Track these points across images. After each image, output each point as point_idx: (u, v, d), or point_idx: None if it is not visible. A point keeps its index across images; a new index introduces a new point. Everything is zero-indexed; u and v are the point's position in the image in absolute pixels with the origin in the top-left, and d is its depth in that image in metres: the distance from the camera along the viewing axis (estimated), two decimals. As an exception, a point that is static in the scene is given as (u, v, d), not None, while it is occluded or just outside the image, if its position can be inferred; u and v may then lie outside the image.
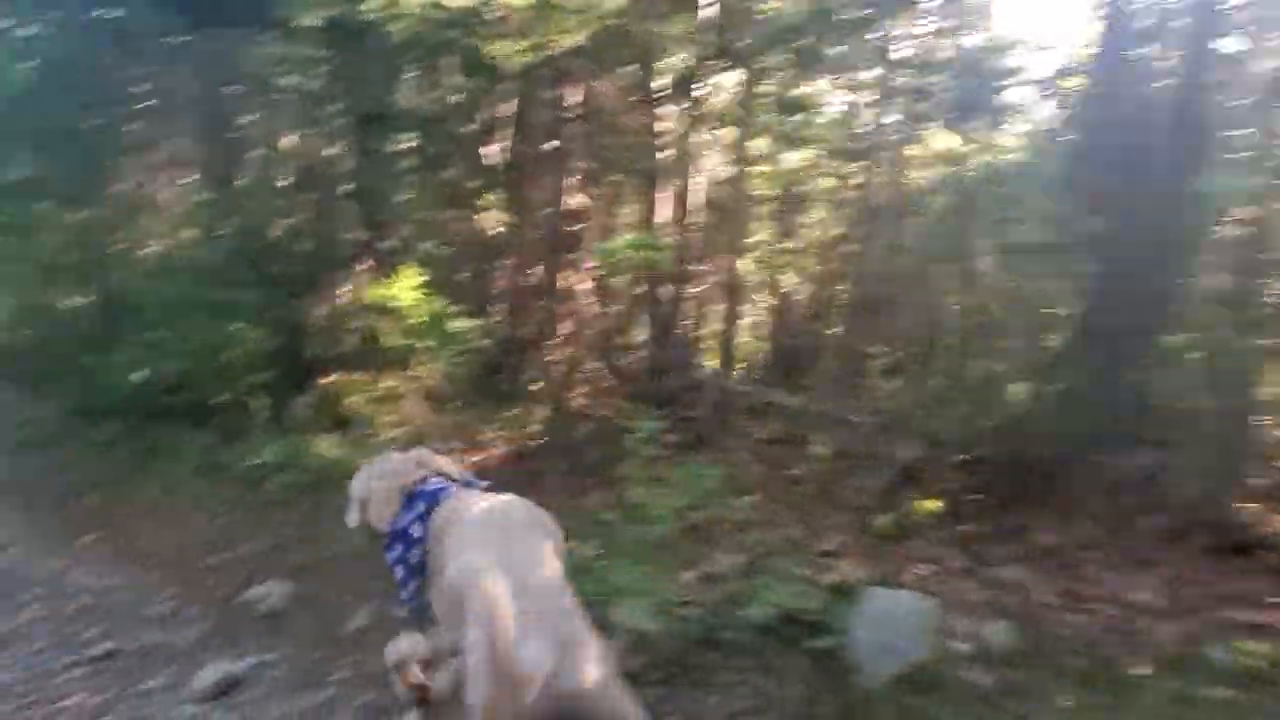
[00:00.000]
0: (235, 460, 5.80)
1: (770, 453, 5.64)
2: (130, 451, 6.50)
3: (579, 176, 6.67)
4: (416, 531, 2.38)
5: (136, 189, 10.39)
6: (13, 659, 3.79)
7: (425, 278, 5.84)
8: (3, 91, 11.49)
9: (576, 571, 4.29)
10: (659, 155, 6.39)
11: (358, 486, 2.60)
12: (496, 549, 2.04)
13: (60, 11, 10.25)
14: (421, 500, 2.43)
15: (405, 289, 5.76)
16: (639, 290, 6.87)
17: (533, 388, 6.38)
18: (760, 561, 4.37)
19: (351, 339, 6.72)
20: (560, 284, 6.65)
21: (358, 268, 7.07)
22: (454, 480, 2.58)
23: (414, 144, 7.16)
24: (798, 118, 6.76)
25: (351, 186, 7.22)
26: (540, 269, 6.76)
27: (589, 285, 6.59)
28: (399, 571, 2.41)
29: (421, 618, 2.41)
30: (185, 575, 4.81)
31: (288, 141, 8.19)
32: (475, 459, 5.85)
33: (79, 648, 3.89)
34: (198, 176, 8.90)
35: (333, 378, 6.76)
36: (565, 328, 6.60)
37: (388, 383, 6.04)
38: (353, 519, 2.61)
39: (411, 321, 5.77)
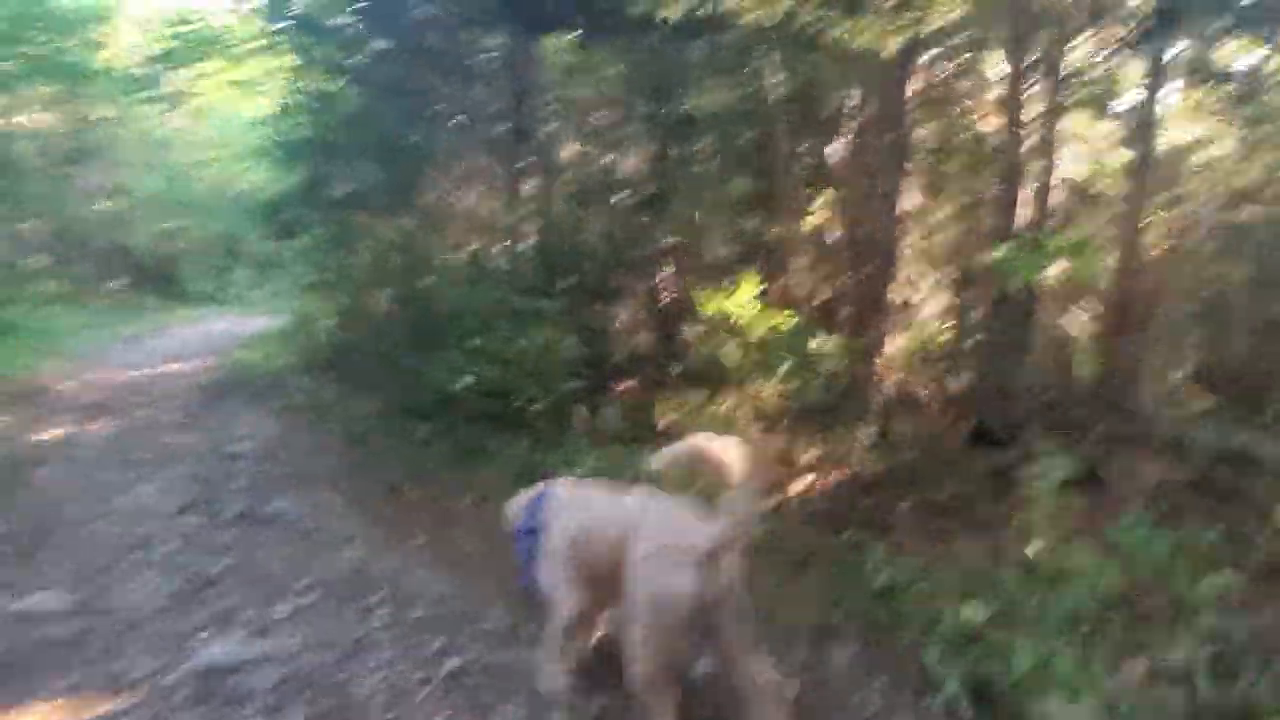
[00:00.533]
0: (552, 467, 5.61)
1: (1197, 502, 4.43)
2: (447, 450, 6.58)
3: (917, 174, 5.89)
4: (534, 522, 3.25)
5: (445, 199, 11.14)
6: (367, 668, 3.68)
7: (760, 288, 5.33)
8: (339, 111, 12.98)
9: (962, 639, 3.41)
10: (1022, 147, 5.43)
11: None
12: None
13: (384, 38, 11.29)
14: (537, 503, 3.34)
15: (743, 300, 5.29)
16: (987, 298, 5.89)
17: (858, 407, 5.66)
18: (1239, 658, 3.26)
19: (666, 348, 6.41)
20: (892, 294, 5.88)
21: (663, 275, 6.78)
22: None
23: (725, 144, 6.76)
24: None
25: (656, 190, 7.02)
26: (872, 276, 6.04)
27: (925, 295, 5.77)
28: (521, 560, 3.31)
29: (534, 591, 3.26)
30: (513, 588, 4.58)
31: (589, 147, 8.23)
32: (799, 486, 5.20)
33: (427, 662, 3.71)
34: (502, 186, 9.25)
35: (634, 386, 6.48)
36: (897, 341, 5.80)
37: (701, 395, 5.58)
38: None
39: (751, 335, 5.28)
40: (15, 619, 4.13)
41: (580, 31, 7.23)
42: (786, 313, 5.34)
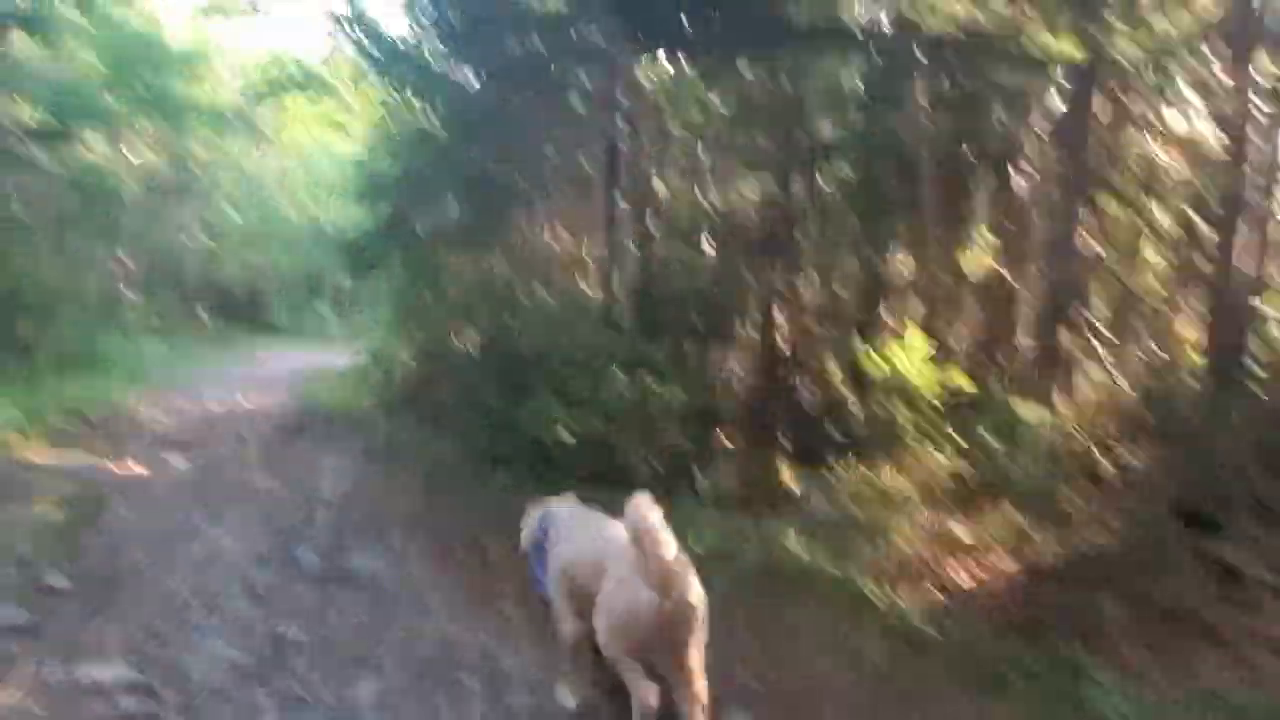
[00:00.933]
0: None
1: None
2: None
3: (1094, 208, 5.11)
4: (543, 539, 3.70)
5: (536, 235, 10.76)
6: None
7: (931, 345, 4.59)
8: (427, 146, 12.84)
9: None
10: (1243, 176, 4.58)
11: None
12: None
13: (476, 69, 11.07)
14: (547, 521, 3.77)
15: (911, 356, 4.56)
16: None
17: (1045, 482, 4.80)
18: None
19: (788, 403, 5.69)
20: (1070, 346, 5.06)
21: (783, 320, 6.10)
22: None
23: (864, 173, 6.09)
24: None
25: (775, 226, 6.39)
26: (1045, 326, 5.24)
27: (1109, 348, 4.93)
28: (535, 577, 3.76)
29: (545, 598, 3.64)
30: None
31: (695, 179, 7.67)
32: (972, 577, 4.37)
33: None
34: (598, 221, 8.76)
35: (751, 444, 5.75)
36: (1076, 402, 4.96)
37: (844, 460, 4.83)
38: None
39: (919, 396, 4.54)
40: (79, 691, 3.63)
41: (690, 50, 6.70)
42: (957, 370, 4.57)
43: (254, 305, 25.13)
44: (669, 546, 2.77)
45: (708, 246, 7.00)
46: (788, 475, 5.11)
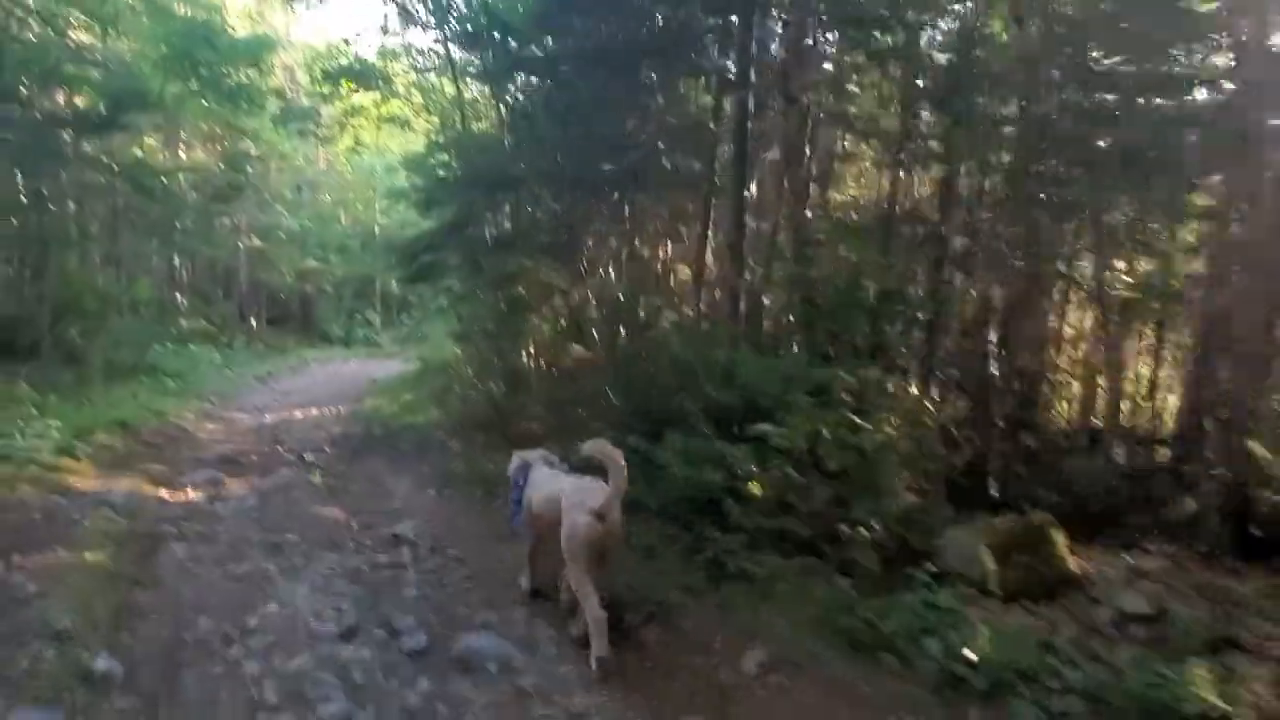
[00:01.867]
0: (898, 637, 3.66)
1: None
2: (692, 566, 4.77)
3: None
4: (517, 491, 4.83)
5: (643, 240, 9.72)
6: None
7: None
8: (504, 140, 11.86)
9: None
10: None
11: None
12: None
13: (575, 44, 10.00)
14: (521, 474, 4.88)
15: None
16: None
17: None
18: None
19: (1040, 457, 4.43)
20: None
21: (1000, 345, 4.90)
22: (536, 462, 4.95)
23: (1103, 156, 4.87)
24: None
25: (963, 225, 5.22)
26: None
27: None
28: (513, 508, 4.87)
29: (515, 522, 4.86)
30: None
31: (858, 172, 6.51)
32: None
33: None
34: (728, 223, 7.64)
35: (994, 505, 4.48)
36: None
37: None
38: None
39: None
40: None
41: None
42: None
43: (306, 312, 24.47)
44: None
45: (881, 249, 5.77)
46: (1071, 556, 3.87)
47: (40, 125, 9.25)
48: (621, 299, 7.71)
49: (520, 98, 10.77)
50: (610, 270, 9.28)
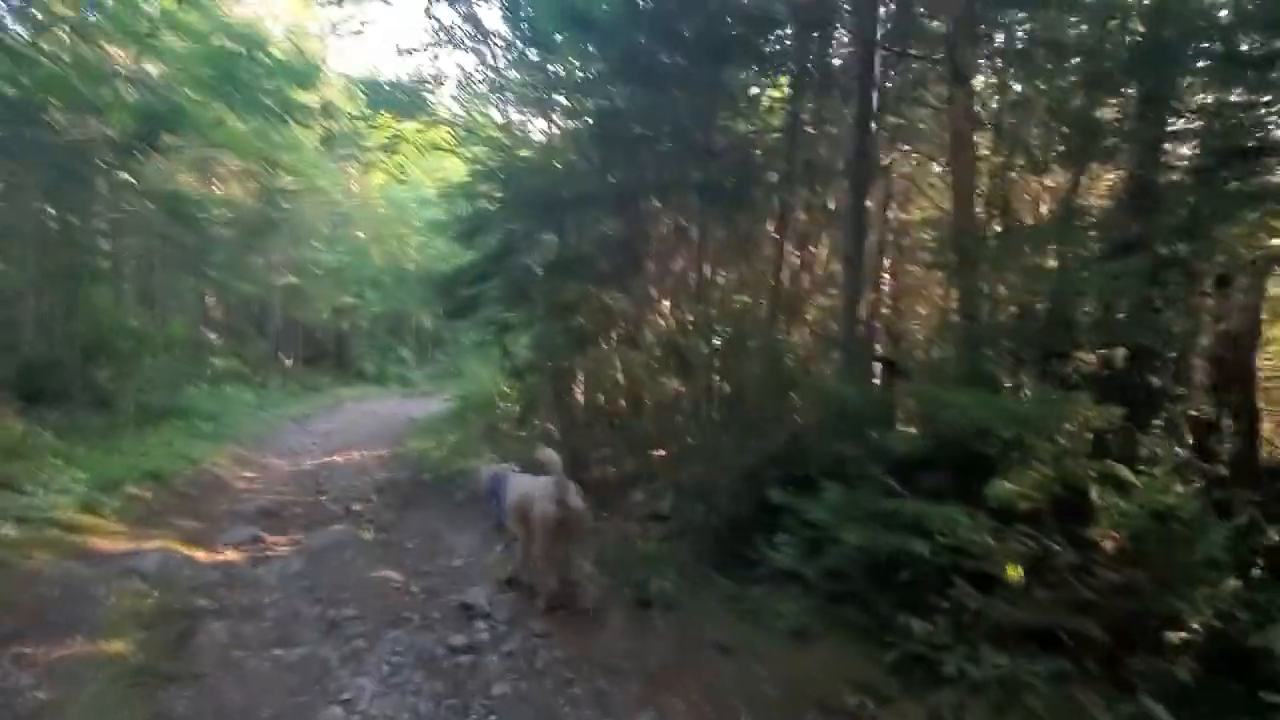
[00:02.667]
0: None
1: None
2: (877, 658, 3.71)
3: None
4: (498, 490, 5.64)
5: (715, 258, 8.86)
6: None
7: None
8: (556, 161, 11.13)
9: None
10: None
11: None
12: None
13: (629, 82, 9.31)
14: (497, 483, 5.70)
15: None
16: None
17: None
18: None
19: None
20: None
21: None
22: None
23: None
24: None
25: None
26: None
27: None
28: (494, 506, 5.69)
29: (501, 522, 5.60)
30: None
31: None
32: None
33: None
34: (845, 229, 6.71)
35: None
36: None
37: None
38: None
39: None
40: None
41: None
42: None
43: (339, 349, 23.87)
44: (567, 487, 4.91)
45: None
46: None
47: (70, 151, 8.69)
48: (719, 326, 6.80)
49: (587, 106, 10.01)
50: (698, 293, 8.39)
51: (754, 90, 9.30)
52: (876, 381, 5.05)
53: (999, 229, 4.88)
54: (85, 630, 4.19)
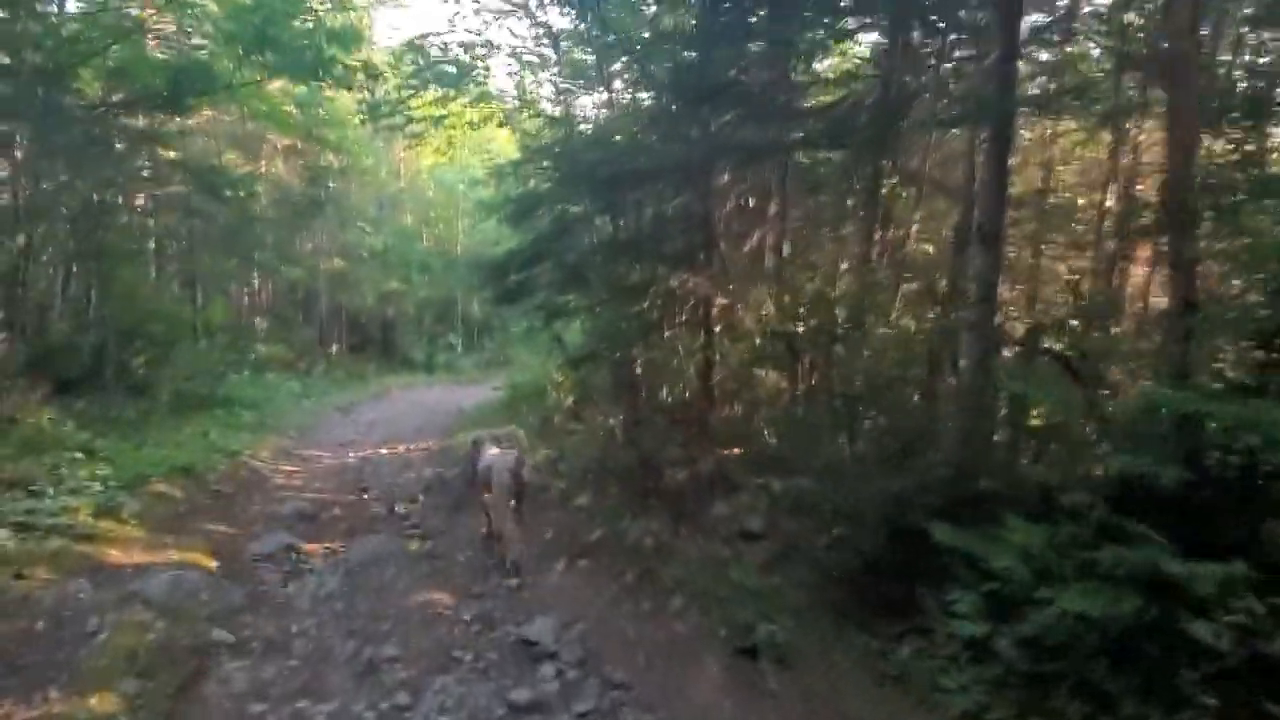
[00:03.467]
0: None
1: None
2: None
3: None
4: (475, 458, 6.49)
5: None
6: None
7: None
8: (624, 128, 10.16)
9: None
10: None
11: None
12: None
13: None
14: (476, 449, 6.53)
15: None
16: None
17: None
18: None
19: None
20: None
21: None
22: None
23: None
24: None
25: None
26: None
27: None
28: (469, 470, 6.77)
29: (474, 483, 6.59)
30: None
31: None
32: None
33: None
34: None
35: None
36: None
37: None
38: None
39: None
40: None
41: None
42: None
43: (385, 336, 23.29)
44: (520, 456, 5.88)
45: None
46: None
47: (98, 119, 8.01)
48: (822, 310, 5.77)
49: (654, 71, 9.01)
50: (781, 273, 7.36)
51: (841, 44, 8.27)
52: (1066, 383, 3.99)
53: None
54: (65, 680, 3.38)
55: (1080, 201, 6.27)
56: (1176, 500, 2.65)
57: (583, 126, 13.22)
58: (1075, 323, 4.75)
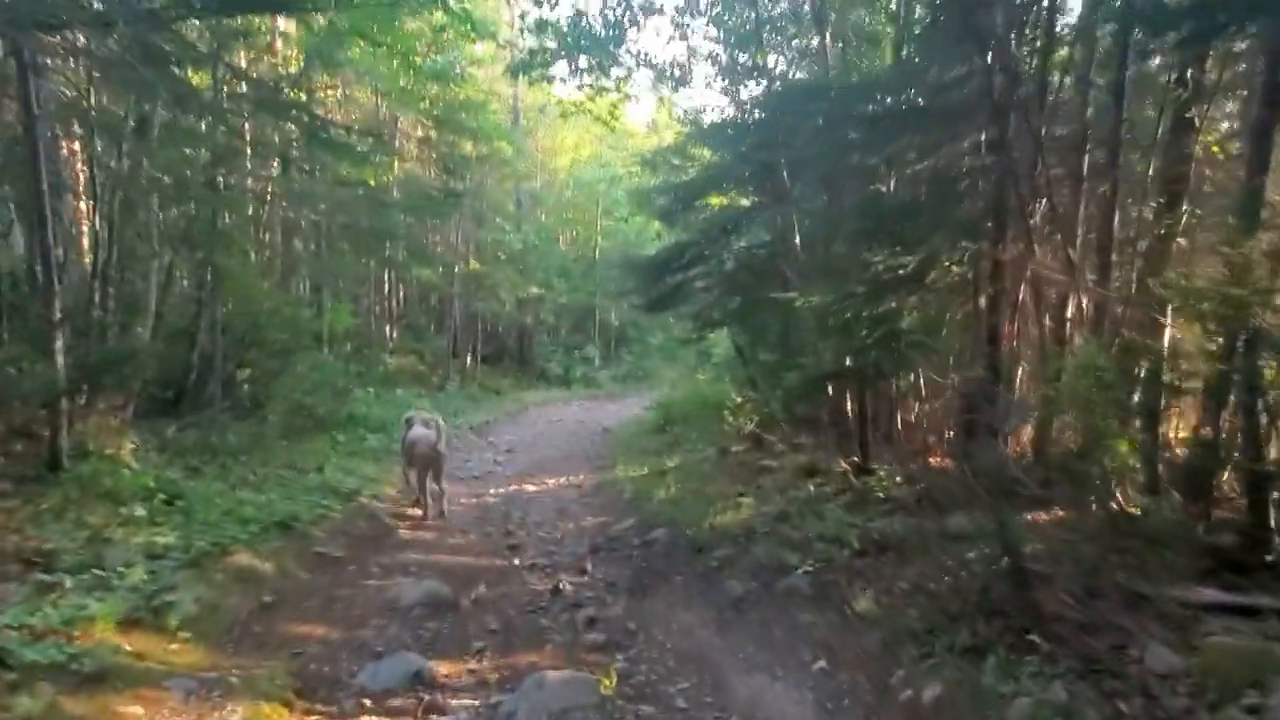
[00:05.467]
0: None
1: None
2: None
3: None
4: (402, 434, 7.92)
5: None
6: None
7: None
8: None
9: None
10: None
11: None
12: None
13: None
14: (405, 426, 7.79)
15: None
16: None
17: None
18: None
19: None
20: None
21: None
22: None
23: None
24: None
25: None
26: None
27: None
28: (403, 443, 7.81)
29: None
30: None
31: None
32: None
33: None
34: None
35: None
36: None
37: None
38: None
39: None
40: None
41: None
42: None
43: (521, 346, 21.54)
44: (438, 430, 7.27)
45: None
46: None
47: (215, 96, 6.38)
48: None
49: None
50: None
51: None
52: None
53: None
54: None
55: None
56: None
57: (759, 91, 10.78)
58: None
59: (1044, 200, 5.51)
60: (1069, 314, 5.09)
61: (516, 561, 6.21)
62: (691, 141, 12.44)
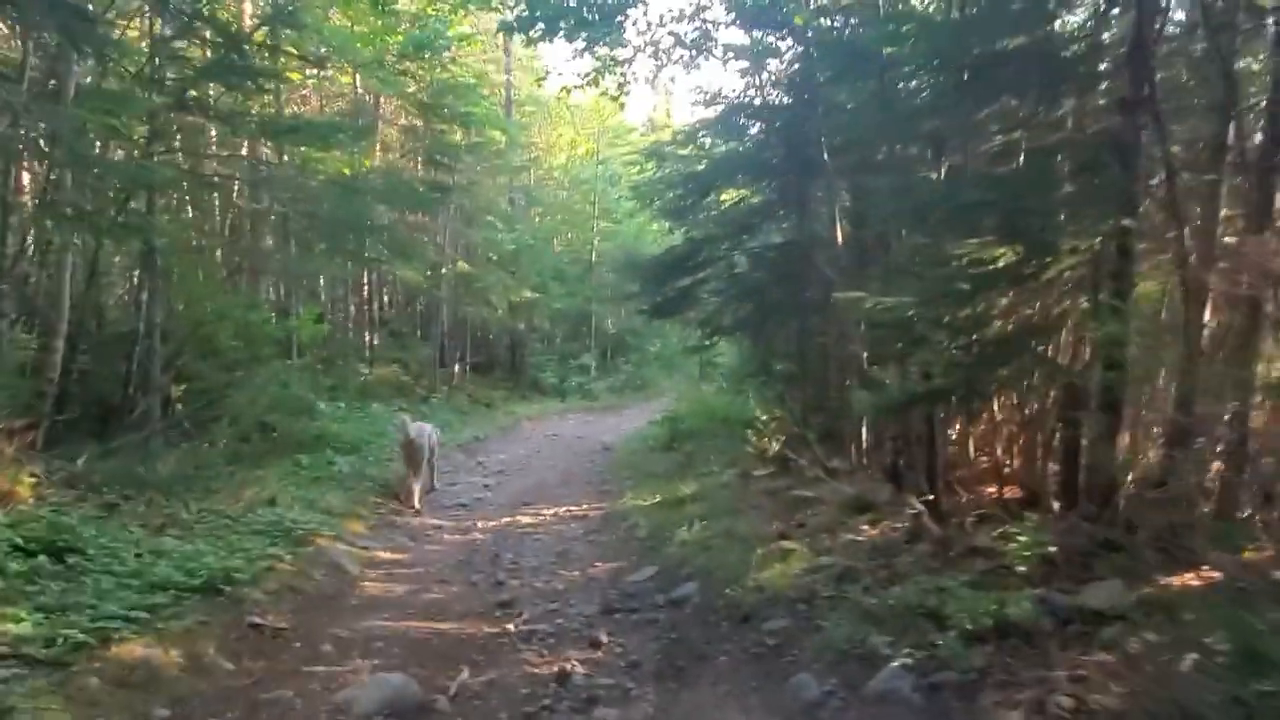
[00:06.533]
0: None
1: None
2: None
3: None
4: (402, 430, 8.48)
5: None
6: None
7: None
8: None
9: None
10: None
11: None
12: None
13: None
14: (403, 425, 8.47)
15: None
16: None
17: None
18: None
19: None
20: None
21: None
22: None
23: None
24: None
25: None
26: None
27: None
28: (401, 440, 8.47)
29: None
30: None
31: None
32: None
33: None
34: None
35: None
36: None
37: None
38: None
39: None
40: None
41: None
42: None
43: (514, 355, 20.21)
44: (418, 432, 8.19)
45: None
46: None
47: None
48: None
49: None
50: None
51: None
52: None
53: None
54: None
55: None
56: None
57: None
58: None
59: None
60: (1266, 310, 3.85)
61: (510, 627, 4.92)
62: (704, 128, 11.22)
